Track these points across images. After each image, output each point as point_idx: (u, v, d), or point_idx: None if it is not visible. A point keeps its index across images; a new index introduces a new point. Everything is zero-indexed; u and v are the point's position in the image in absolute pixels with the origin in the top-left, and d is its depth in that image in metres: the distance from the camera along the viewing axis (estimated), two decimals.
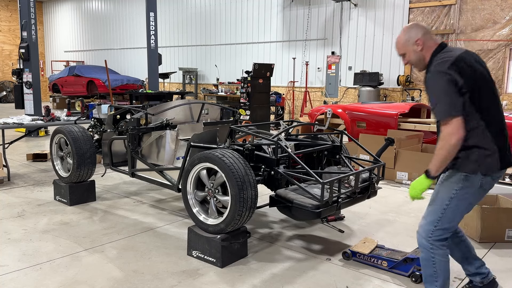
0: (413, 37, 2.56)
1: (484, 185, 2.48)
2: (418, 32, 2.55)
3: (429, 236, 2.54)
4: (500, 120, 2.48)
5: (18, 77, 9.55)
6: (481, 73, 2.45)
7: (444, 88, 2.33)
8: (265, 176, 3.63)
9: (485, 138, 2.40)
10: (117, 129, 4.95)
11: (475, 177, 2.43)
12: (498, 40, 9.79)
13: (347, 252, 3.53)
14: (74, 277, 3.19)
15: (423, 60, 2.56)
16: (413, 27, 2.58)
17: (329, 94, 12.66)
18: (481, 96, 2.39)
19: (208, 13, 15.54)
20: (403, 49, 2.63)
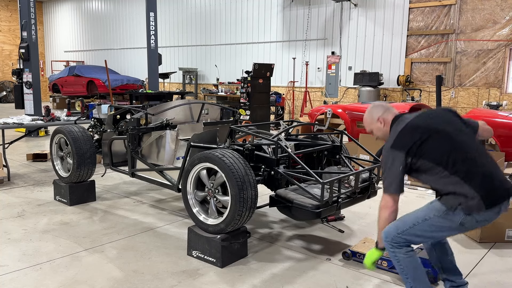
0: (375, 117, 2.81)
1: (466, 224, 2.46)
2: (379, 111, 2.81)
3: (390, 239, 2.61)
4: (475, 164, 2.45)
5: (18, 77, 9.54)
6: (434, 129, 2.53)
7: (387, 165, 2.56)
8: (265, 176, 3.63)
9: (460, 186, 2.42)
10: (117, 129, 4.95)
11: (454, 215, 2.44)
12: (498, 40, 9.79)
13: (347, 252, 3.53)
14: (74, 277, 3.19)
15: (386, 133, 2.77)
16: (374, 107, 2.86)
17: (329, 94, 12.66)
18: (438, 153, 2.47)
19: (208, 13, 15.54)
20: (370, 127, 2.88)
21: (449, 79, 10.56)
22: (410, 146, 2.50)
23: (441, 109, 2.75)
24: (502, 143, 6.41)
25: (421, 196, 5.50)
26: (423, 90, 10.92)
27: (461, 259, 3.59)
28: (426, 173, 2.53)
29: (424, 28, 10.82)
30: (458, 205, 2.41)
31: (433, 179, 2.51)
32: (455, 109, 2.75)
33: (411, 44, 11.10)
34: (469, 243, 3.96)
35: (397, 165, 2.52)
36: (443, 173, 2.45)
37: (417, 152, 2.49)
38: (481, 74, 10.09)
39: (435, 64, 10.76)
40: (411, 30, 11.04)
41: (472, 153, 2.49)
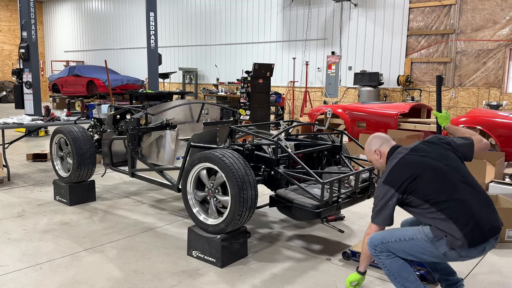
0: (372, 148, 2.87)
1: (448, 255, 2.48)
2: (376, 143, 2.86)
3: (374, 245, 2.66)
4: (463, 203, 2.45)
5: (18, 77, 9.54)
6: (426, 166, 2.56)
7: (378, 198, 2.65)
8: (265, 176, 3.63)
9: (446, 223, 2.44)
10: (117, 129, 4.95)
11: (439, 244, 2.47)
12: (498, 40, 9.79)
13: (347, 252, 3.53)
14: (74, 277, 3.19)
15: (383, 165, 2.82)
16: (372, 139, 2.91)
17: (329, 94, 12.66)
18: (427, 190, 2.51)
19: (208, 13, 15.54)
20: (369, 157, 2.95)
21: (449, 79, 10.56)
22: (400, 183, 2.54)
23: (436, 139, 2.74)
24: (502, 143, 6.41)
25: None
26: (423, 90, 10.92)
27: None
28: (416, 208, 2.57)
29: (424, 28, 10.82)
30: (444, 236, 2.44)
31: (421, 214, 2.56)
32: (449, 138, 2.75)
33: (411, 44, 11.10)
34: None
35: (387, 199, 2.59)
36: (430, 210, 2.49)
37: (407, 189, 2.54)
38: (481, 74, 10.10)
39: (435, 64, 10.76)
40: (411, 30, 11.04)
41: (462, 191, 2.50)
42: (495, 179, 5.45)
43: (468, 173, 2.64)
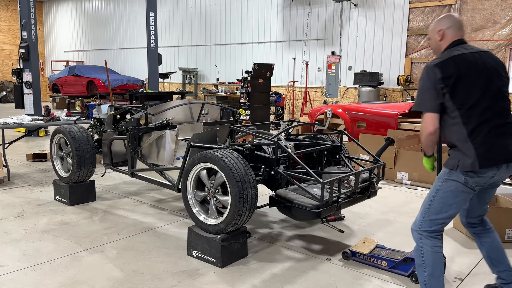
0: (438, 27, 2.71)
1: (469, 182, 2.52)
2: (445, 23, 2.69)
3: (418, 227, 2.65)
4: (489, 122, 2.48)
5: (18, 77, 9.54)
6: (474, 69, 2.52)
7: (425, 83, 2.54)
8: (265, 176, 3.63)
9: (462, 141, 2.49)
10: (117, 129, 4.95)
11: (457, 174, 2.53)
12: (498, 40, 9.79)
13: (347, 252, 3.53)
14: (74, 277, 3.19)
15: (439, 49, 2.72)
16: (443, 18, 2.73)
17: (329, 94, 12.66)
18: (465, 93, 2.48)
19: (208, 13, 15.54)
20: (430, 34, 2.80)
21: None
22: (450, 75, 2.48)
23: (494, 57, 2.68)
24: None
25: (421, 196, 5.50)
26: None
27: (461, 259, 3.60)
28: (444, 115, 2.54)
29: (424, 28, 10.82)
30: (457, 165, 2.50)
31: (445, 124, 2.56)
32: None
33: (411, 44, 11.10)
34: (469, 243, 3.96)
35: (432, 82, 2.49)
36: (456, 120, 2.49)
37: (452, 87, 2.47)
38: None
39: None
40: (411, 30, 11.04)
41: (494, 113, 2.50)
42: None
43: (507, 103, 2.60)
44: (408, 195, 5.57)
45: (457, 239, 4.04)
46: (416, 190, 5.83)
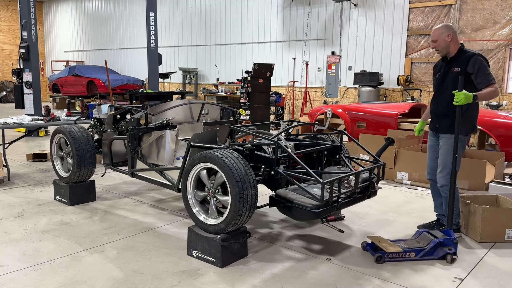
0: (448, 32, 3.82)
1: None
2: (452, 30, 3.84)
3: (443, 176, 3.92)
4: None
5: (18, 77, 9.54)
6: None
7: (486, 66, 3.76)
8: (265, 176, 3.63)
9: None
10: (117, 129, 4.95)
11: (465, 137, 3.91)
12: (498, 40, 9.79)
13: (379, 256, 3.46)
14: (74, 277, 3.19)
15: (448, 47, 3.86)
16: (449, 25, 3.89)
17: (329, 94, 12.66)
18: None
19: (208, 13, 15.54)
20: (437, 37, 3.87)
21: None
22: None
23: None
24: (502, 143, 6.41)
25: (421, 196, 5.50)
26: (423, 90, 10.92)
27: (461, 259, 3.60)
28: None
29: (424, 28, 10.82)
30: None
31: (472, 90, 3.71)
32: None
33: (411, 44, 11.10)
34: (469, 243, 3.96)
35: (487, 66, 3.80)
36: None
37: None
38: None
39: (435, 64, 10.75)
40: (411, 30, 11.04)
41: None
42: (495, 179, 5.45)
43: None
44: (408, 195, 5.57)
45: (457, 239, 4.04)
46: (416, 190, 5.83)
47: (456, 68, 3.81)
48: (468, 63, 3.72)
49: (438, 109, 3.97)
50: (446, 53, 3.88)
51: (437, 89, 4.01)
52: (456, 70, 3.79)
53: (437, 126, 3.98)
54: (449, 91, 3.79)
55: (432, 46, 3.94)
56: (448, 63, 3.91)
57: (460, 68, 3.77)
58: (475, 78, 3.71)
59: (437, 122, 3.99)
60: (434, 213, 4.34)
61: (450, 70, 3.87)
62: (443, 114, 3.90)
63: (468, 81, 3.68)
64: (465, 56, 3.78)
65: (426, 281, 3.20)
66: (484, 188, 5.42)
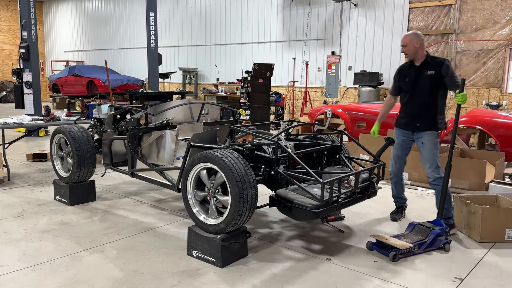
0: (418, 39, 4.14)
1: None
2: (419, 37, 4.16)
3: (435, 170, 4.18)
4: None
5: (18, 77, 9.54)
6: None
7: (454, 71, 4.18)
8: (265, 176, 3.63)
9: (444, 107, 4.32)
10: (117, 129, 4.95)
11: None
12: (498, 40, 9.79)
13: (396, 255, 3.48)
14: (74, 277, 3.19)
15: (417, 52, 4.18)
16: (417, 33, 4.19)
17: (329, 94, 12.66)
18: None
19: (208, 13, 15.54)
20: (408, 42, 4.16)
21: None
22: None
23: None
24: (502, 143, 6.41)
25: (421, 196, 5.50)
26: None
27: (461, 259, 3.60)
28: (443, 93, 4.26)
29: (424, 28, 10.82)
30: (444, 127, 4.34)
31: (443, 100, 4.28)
32: None
33: None
34: (469, 243, 3.96)
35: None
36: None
37: None
38: (481, 74, 10.09)
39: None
40: (411, 30, 11.03)
41: None
42: (495, 179, 5.45)
43: None
44: (408, 195, 5.56)
45: (457, 239, 4.04)
46: (416, 190, 5.83)
47: (429, 71, 4.12)
48: (442, 67, 4.07)
49: (417, 110, 4.21)
50: (414, 58, 4.19)
51: (412, 92, 4.24)
52: (430, 73, 4.11)
53: (417, 125, 4.21)
54: (426, 92, 4.13)
55: (402, 50, 4.22)
56: (419, 68, 4.19)
57: (435, 71, 4.10)
58: (448, 80, 4.05)
59: (417, 121, 4.21)
60: (434, 213, 4.33)
61: (423, 73, 4.15)
62: (423, 114, 4.17)
63: (440, 82, 4.09)
64: (438, 62, 4.14)
65: (426, 281, 3.20)
66: (484, 188, 5.42)
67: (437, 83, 4.09)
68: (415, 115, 4.23)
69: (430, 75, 4.12)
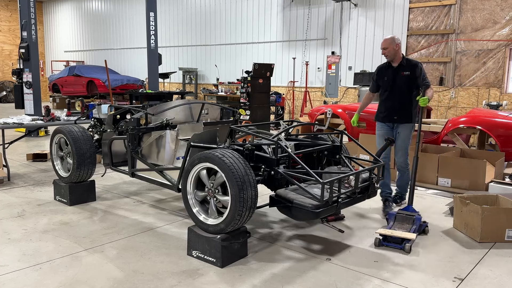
0: (397, 42, 4.77)
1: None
2: (398, 41, 4.79)
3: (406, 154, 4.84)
4: None
5: (18, 77, 9.54)
6: None
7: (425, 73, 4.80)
8: (265, 176, 3.63)
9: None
10: (117, 129, 4.94)
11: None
12: (498, 40, 9.79)
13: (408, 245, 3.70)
14: (74, 277, 3.19)
15: (396, 54, 4.75)
16: (395, 37, 4.80)
17: (329, 94, 12.66)
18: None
19: (208, 13, 15.54)
20: (388, 45, 4.74)
21: (449, 79, 10.56)
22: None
23: None
24: (502, 143, 6.41)
25: (421, 196, 5.50)
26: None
27: (461, 259, 3.60)
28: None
29: (424, 28, 10.82)
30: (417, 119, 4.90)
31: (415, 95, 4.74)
32: None
33: (411, 44, 11.10)
34: (469, 243, 3.96)
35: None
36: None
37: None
38: (481, 74, 10.10)
39: (435, 64, 10.76)
40: (411, 30, 11.04)
41: None
42: (495, 179, 5.45)
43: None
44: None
45: (457, 239, 4.04)
46: (416, 190, 5.82)
47: (405, 72, 4.73)
48: (416, 69, 4.70)
49: (395, 105, 4.82)
50: (392, 59, 4.78)
51: (390, 89, 4.85)
52: (406, 74, 4.73)
53: (395, 118, 4.83)
54: (403, 90, 4.76)
55: (382, 52, 4.79)
56: (397, 69, 4.79)
57: (410, 72, 4.72)
58: (421, 81, 4.67)
59: (395, 115, 4.83)
60: (434, 212, 4.37)
61: (400, 74, 4.76)
62: (401, 108, 4.79)
63: (414, 82, 4.70)
64: (412, 64, 4.76)
65: (426, 281, 3.20)
66: (484, 188, 5.42)
67: (412, 82, 4.70)
68: (393, 110, 4.83)
69: (406, 75, 4.73)
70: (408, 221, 4.07)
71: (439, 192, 5.72)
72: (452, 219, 4.47)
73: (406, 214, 4.13)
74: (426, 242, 3.97)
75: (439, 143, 7.15)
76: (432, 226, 4.35)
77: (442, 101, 10.66)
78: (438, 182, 5.85)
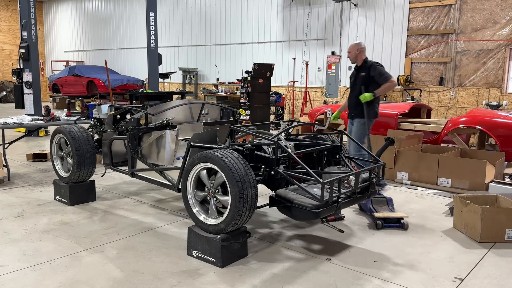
0: (360, 47, 5.48)
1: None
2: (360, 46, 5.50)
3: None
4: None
5: (18, 77, 9.54)
6: None
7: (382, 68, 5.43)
8: (265, 176, 3.63)
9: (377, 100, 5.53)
10: (117, 129, 4.94)
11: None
12: (498, 40, 9.79)
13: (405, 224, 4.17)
14: (74, 277, 3.19)
15: (356, 58, 5.52)
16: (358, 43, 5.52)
17: (329, 94, 12.66)
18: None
19: (208, 13, 15.55)
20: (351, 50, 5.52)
21: (449, 79, 10.56)
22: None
23: None
24: (502, 143, 6.41)
25: (421, 196, 5.50)
26: (423, 90, 10.92)
27: (461, 259, 3.60)
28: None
29: (424, 28, 10.82)
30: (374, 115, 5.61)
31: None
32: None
33: (411, 44, 11.10)
34: (469, 243, 3.96)
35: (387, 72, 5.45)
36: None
37: None
38: (481, 74, 10.10)
39: (435, 64, 10.76)
40: (411, 30, 11.04)
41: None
42: (495, 179, 5.45)
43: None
44: (408, 195, 5.57)
45: (457, 239, 4.04)
46: (416, 190, 5.83)
47: (362, 73, 5.41)
48: (370, 70, 5.32)
49: (352, 102, 5.51)
50: (355, 62, 5.56)
51: (352, 88, 5.56)
52: (362, 74, 5.41)
53: (352, 114, 5.58)
54: (357, 89, 5.41)
55: (348, 56, 5.59)
56: (357, 70, 5.53)
57: (365, 73, 5.36)
58: (378, 79, 5.28)
59: (352, 112, 5.58)
60: (434, 212, 4.37)
61: (358, 75, 5.47)
62: (355, 105, 5.47)
63: (370, 81, 5.32)
64: (367, 65, 5.39)
65: (426, 281, 3.20)
66: (484, 188, 5.42)
67: (367, 82, 5.31)
68: (351, 106, 5.57)
69: (363, 76, 5.39)
70: (383, 203, 4.53)
71: (439, 192, 5.72)
72: (452, 219, 4.47)
73: (378, 197, 4.60)
74: (426, 242, 3.97)
75: (439, 143, 7.16)
76: (432, 226, 4.35)
77: (442, 101, 10.66)
78: (438, 182, 5.86)
